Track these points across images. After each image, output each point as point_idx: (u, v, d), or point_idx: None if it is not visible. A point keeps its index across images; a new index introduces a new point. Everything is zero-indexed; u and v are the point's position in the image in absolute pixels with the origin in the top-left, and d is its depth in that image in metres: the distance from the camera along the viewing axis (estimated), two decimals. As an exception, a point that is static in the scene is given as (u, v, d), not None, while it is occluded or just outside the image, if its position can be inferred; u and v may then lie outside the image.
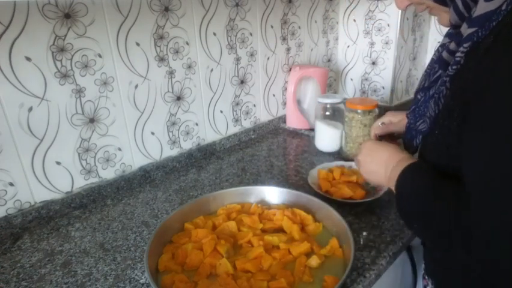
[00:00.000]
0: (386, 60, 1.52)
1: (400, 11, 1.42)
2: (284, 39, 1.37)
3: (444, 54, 0.60)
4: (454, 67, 0.55)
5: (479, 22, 0.51)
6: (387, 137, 0.88)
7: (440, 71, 0.62)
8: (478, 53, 0.50)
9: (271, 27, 1.31)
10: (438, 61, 0.63)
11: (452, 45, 0.58)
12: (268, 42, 1.31)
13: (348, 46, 1.62)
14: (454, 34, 0.61)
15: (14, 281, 0.70)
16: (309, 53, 1.51)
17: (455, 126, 0.52)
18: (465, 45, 0.53)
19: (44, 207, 0.89)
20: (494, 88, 0.46)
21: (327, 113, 1.18)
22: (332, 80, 1.68)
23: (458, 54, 0.54)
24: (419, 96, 0.67)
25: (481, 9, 0.51)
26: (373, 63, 1.56)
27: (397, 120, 0.84)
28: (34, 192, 0.88)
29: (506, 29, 0.47)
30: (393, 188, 0.63)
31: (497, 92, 0.45)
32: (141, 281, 0.69)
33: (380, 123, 0.86)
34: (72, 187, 0.94)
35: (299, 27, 1.42)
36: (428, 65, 0.68)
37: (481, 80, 0.47)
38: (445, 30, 0.65)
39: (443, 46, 0.64)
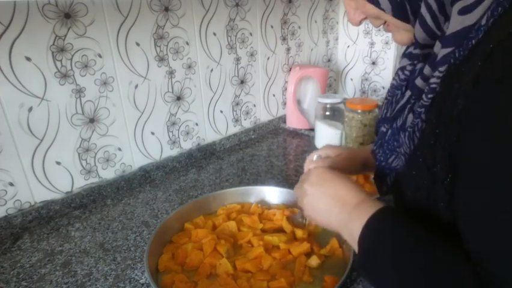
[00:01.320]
0: (386, 60, 1.52)
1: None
2: (284, 39, 1.37)
3: (419, 81, 0.50)
4: (430, 96, 0.46)
5: (455, 40, 0.43)
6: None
7: (404, 99, 0.54)
8: (461, 80, 0.41)
9: (271, 27, 1.31)
10: (411, 88, 0.53)
11: (427, 70, 0.48)
12: (268, 42, 1.31)
13: (348, 46, 1.62)
14: (420, 55, 0.53)
15: (14, 281, 0.70)
16: (309, 53, 1.51)
17: (440, 168, 0.43)
18: (441, 69, 0.44)
19: (44, 207, 0.89)
20: (493, 132, 0.37)
21: (327, 113, 1.18)
22: (332, 80, 1.68)
23: (433, 80, 0.45)
24: (383, 129, 0.58)
25: (455, 25, 0.43)
26: (373, 63, 1.56)
27: (335, 154, 0.71)
28: (34, 192, 0.88)
29: (500, 53, 0.37)
30: (347, 236, 0.51)
31: (498, 138, 0.37)
32: (141, 281, 0.69)
33: (315, 157, 0.71)
34: (72, 187, 0.94)
35: (299, 27, 1.42)
36: (389, 91, 0.59)
37: (474, 118, 0.39)
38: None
39: (402, 69, 0.56)
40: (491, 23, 0.40)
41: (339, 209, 0.53)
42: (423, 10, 0.45)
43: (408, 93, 0.54)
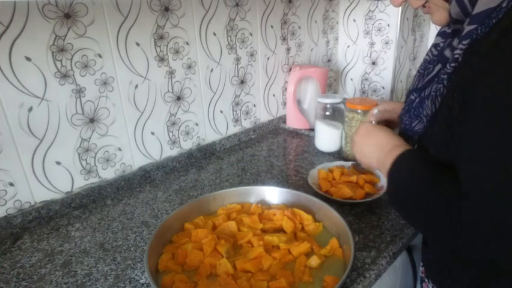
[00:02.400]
0: (386, 60, 1.52)
1: (400, 11, 1.42)
2: (284, 39, 1.37)
3: (447, 52, 0.58)
4: (452, 64, 0.54)
5: (479, 19, 0.50)
6: (383, 125, 0.88)
7: (434, 72, 0.62)
8: (479, 50, 0.49)
9: (271, 27, 1.31)
10: (440, 58, 0.61)
11: (455, 42, 0.56)
12: (268, 42, 1.31)
13: (348, 46, 1.62)
14: (450, 33, 0.60)
15: (14, 281, 0.70)
16: (309, 53, 1.51)
17: (457, 124, 0.52)
18: (464, 42, 0.52)
19: (44, 207, 0.89)
20: (493, 88, 0.45)
21: (327, 113, 1.18)
22: (332, 80, 1.68)
23: (457, 51, 0.53)
24: (412, 97, 0.66)
25: (481, 5, 0.50)
26: (373, 63, 1.56)
27: (391, 108, 0.84)
28: (34, 192, 0.88)
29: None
30: (383, 172, 0.64)
31: (496, 92, 0.45)
32: (141, 281, 0.69)
33: (375, 112, 0.85)
34: (72, 187, 0.94)
35: (299, 27, 1.42)
36: (421, 65, 0.67)
37: (483, 79, 0.47)
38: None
39: (436, 46, 0.64)
40: (511, 6, 0.47)
41: (378, 152, 0.67)
42: None
43: (438, 66, 0.62)
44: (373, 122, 0.85)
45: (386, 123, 0.87)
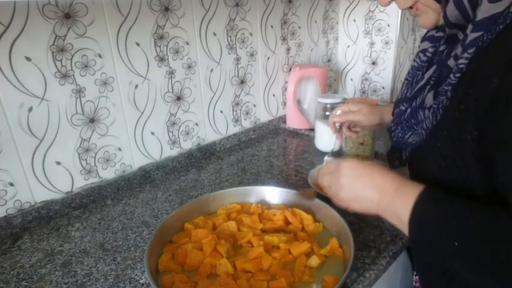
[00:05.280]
0: (386, 60, 1.52)
1: (400, 11, 1.42)
2: (284, 39, 1.37)
3: (452, 62, 0.53)
4: (457, 75, 0.50)
5: (484, 26, 0.47)
6: (346, 126, 0.88)
7: (424, 79, 0.59)
8: (491, 59, 0.46)
9: (271, 27, 1.31)
10: (443, 67, 0.56)
11: (459, 51, 0.51)
12: (268, 42, 1.31)
13: (348, 46, 1.62)
14: (442, 37, 0.57)
15: (14, 281, 0.70)
16: (309, 53, 1.51)
17: (470, 140, 0.48)
18: (469, 51, 0.48)
19: (44, 207, 0.89)
20: None
21: (327, 113, 1.18)
22: (332, 80, 1.68)
23: (462, 61, 0.49)
24: (402, 108, 0.63)
25: (485, 11, 0.47)
26: (373, 63, 1.56)
27: (356, 109, 0.83)
28: (34, 192, 0.88)
29: None
30: (390, 219, 0.54)
31: None
32: (141, 281, 0.69)
33: (339, 112, 0.83)
34: (72, 187, 0.94)
35: (299, 27, 1.42)
36: (409, 72, 0.64)
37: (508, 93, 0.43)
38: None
39: (424, 51, 0.61)
40: None
41: (380, 197, 0.54)
42: None
43: (428, 73, 0.59)
44: (337, 124, 0.85)
45: (349, 124, 0.85)
